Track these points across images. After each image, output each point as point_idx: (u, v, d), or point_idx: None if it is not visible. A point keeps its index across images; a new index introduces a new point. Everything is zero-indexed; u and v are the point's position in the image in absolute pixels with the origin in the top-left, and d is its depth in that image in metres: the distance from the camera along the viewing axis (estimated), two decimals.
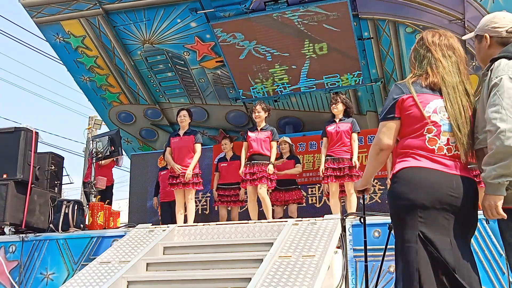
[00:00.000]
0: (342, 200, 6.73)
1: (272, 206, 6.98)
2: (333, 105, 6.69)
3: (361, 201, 3.46)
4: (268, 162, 6.57)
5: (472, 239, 4.49)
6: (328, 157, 6.51)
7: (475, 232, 4.71)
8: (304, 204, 7.88)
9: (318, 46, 8.47)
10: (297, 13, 7.92)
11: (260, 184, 6.47)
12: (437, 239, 2.30)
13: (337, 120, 6.64)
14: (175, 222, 6.54)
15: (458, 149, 2.42)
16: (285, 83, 9.01)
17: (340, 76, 8.72)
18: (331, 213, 6.03)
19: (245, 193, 7.52)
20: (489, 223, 4.58)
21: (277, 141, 6.93)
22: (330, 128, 6.61)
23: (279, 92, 9.13)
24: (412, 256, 2.30)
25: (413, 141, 2.45)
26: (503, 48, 2.45)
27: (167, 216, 7.88)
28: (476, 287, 2.31)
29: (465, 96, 2.49)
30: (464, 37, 2.78)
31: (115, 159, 8.43)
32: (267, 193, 6.60)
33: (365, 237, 3.52)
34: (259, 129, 6.81)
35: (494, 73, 2.34)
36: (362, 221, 4.55)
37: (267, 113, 6.85)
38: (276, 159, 7.00)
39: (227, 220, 7.38)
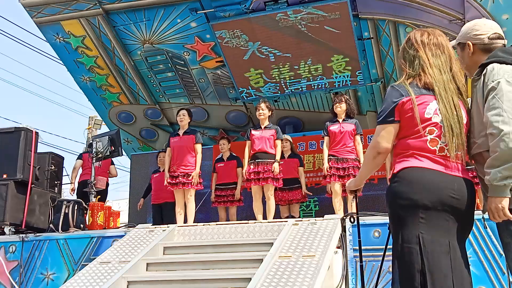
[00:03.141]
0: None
1: (277, 205, 6.99)
2: (337, 104, 6.68)
3: (353, 201, 3.46)
4: (273, 160, 6.57)
5: (472, 239, 4.49)
6: (331, 157, 6.50)
7: (476, 232, 4.74)
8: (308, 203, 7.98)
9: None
10: (299, 15, 7.93)
11: (267, 185, 6.48)
12: (437, 241, 2.30)
13: (340, 120, 6.64)
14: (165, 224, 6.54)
15: (456, 150, 2.41)
16: (287, 83, 9.03)
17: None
18: (333, 213, 6.04)
19: (241, 193, 7.55)
20: (486, 228, 4.60)
21: (282, 140, 6.94)
22: (334, 128, 6.59)
23: (284, 89, 9.14)
24: (413, 257, 2.29)
25: (414, 142, 2.44)
26: (492, 53, 2.46)
27: (158, 218, 7.90)
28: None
29: (457, 94, 2.49)
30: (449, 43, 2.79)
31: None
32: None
33: (359, 237, 3.52)
34: (263, 127, 6.79)
35: (489, 77, 2.35)
36: (356, 221, 4.57)
37: (270, 112, 6.84)
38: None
39: (225, 220, 7.39)
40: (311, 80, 8.92)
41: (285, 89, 9.14)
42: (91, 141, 7.50)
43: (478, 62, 2.49)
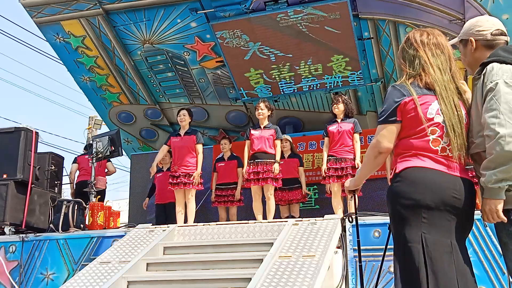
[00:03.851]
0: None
1: (277, 205, 6.99)
2: (335, 105, 6.71)
3: (350, 201, 3.47)
4: (273, 161, 6.56)
5: (472, 239, 4.49)
6: (330, 157, 6.51)
7: (476, 232, 4.74)
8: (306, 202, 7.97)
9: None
10: (300, 15, 7.93)
11: (267, 186, 6.48)
12: (439, 240, 2.30)
13: (338, 120, 6.65)
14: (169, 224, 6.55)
15: (458, 150, 2.41)
16: (288, 83, 9.03)
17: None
18: (332, 213, 6.04)
19: (241, 193, 7.56)
20: (486, 226, 4.60)
21: (281, 140, 6.93)
22: (332, 128, 6.61)
23: (281, 91, 9.15)
24: (415, 257, 2.29)
25: (416, 142, 2.44)
26: (492, 52, 2.45)
27: (162, 218, 7.90)
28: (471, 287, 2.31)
29: (457, 94, 2.49)
30: (449, 43, 2.77)
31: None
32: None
33: (358, 237, 3.53)
34: (262, 127, 6.78)
35: (488, 78, 2.34)
36: (354, 221, 4.57)
37: (270, 111, 6.83)
38: None
39: (226, 220, 7.39)
40: (311, 80, 8.92)
41: (283, 89, 9.13)
42: (90, 142, 7.51)
43: (480, 59, 2.47)
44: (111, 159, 8.69)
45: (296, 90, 9.13)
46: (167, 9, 8.20)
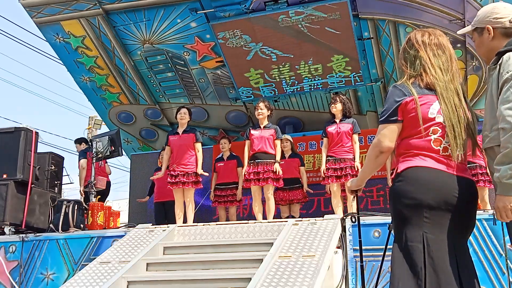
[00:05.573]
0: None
1: (277, 205, 6.98)
2: (332, 105, 6.71)
3: (353, 201, 3.46)
4: (273, 161, 6.55)
5: (472, 239, 4.49)
6: (329, 158, 6.51)
7: (476, 232, 4.73)
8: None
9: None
10: (301, 16, 7.93)
11: (267, 186, 6.47)
12: (440, 240, 2.30)
13: (337, 121, 6.65)
14: (168, 223, 6.54)
15: (459, 150, 2.40)
16: (289, 83, 9.03)
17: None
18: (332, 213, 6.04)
19: (242, 193, 7.55)
20: (496, 224, 4.57)
21: (281, 140, 6.93)
22: (331, 129, 6.61)
23: (285, 90, 9.15)
24: (417, 256, 2.29)
25: (418, 142, 2.43)
26: (509, 41, 2.37)
27: (160, 216, 7.90)
28: (475, 287, 2.31)
29: (457, 94, 2.47)
30: (459, 32, 2.72)
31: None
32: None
33: (359, 237, 3.51)
34: (262, 127, 6.77)
35: (504, 68, 2.25)
36: (356, 221, 4.56)
37: (269, 111, 6.82)
38: None
39: (225, 220, 7.39)
40: (311, 80, 8.92)
41: (287, 89, 9.13)
42: (91, 141, 7.51)
43: (497, 48, 2.39)
44: (107, 161, 8.67)
45: (295, 91, 9.13)
46: (167, 9, 8.20)
